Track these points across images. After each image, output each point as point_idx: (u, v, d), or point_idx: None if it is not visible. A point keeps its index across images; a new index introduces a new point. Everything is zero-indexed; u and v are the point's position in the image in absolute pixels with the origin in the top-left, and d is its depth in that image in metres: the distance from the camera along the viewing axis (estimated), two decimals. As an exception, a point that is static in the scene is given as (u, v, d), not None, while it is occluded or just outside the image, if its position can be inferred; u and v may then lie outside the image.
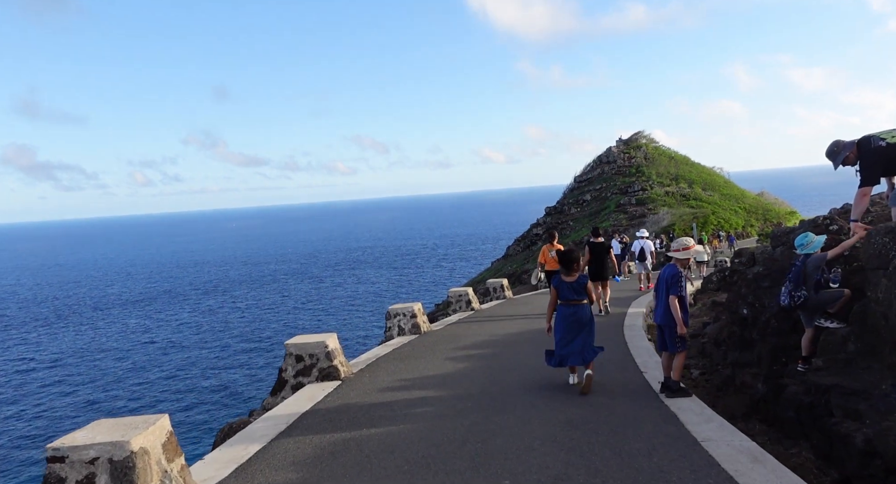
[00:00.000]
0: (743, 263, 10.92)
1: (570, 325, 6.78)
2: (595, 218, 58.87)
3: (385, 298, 64.82)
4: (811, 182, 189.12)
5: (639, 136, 72.95)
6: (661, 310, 6.40)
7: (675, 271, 6.26)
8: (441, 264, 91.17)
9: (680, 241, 6.51)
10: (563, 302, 6.90)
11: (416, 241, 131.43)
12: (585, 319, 6.85)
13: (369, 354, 9.58)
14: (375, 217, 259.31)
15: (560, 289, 6.88)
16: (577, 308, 6.83)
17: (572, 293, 6.83)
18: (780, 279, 7.76)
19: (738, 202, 59.32)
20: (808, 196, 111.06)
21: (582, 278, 6.94)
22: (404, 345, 10.32)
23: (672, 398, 6.17)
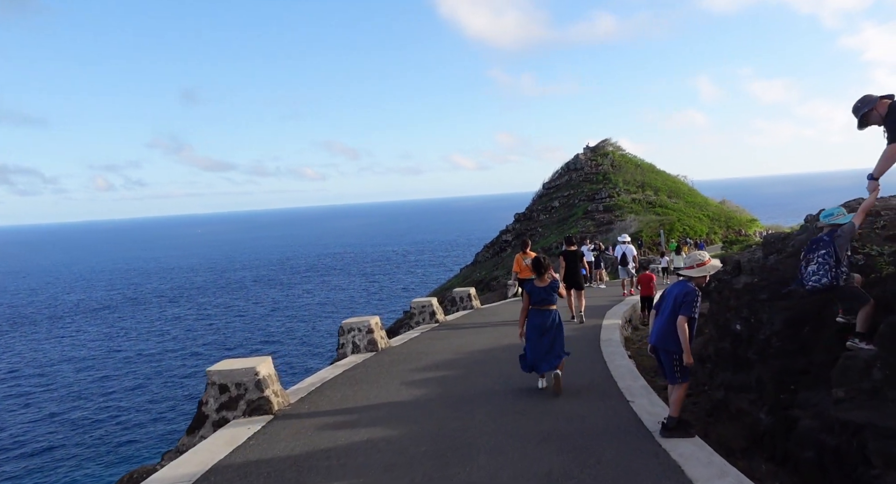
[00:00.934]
0: (727, 271, 9.94)
1: (542, 330, 6.89)
2: (563, 224, 58.38)
3: (356, 305, 63.19)
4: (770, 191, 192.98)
5: (606, 143, 72.92)
6: (660, 330, 5.31)
7: (690, 289, 5.25)
8: (411, 271, 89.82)
9: (694, 255, 5.47)
10: (535, 307, 7.00)
11: (385, 247, 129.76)
12: (555, 324, 6.97)
13: (315, 378, 8.29)
14: (345, 223, 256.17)
15: (532, 294, 7.01)
16: (548, 313, 6.97)
17: (544, 298, 6.97)
18: (777, 291, 6.75)
19: (701, 210, 59.54)
20: (767, 205, 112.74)
21: (554, 283, 7.07)
22: (357, 365, 9.05)
23: (671, 439, 5.06)
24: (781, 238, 8.14)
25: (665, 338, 5.25)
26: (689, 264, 5.37)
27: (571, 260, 13.60)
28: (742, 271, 9.87)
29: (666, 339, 5.24)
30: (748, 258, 9.58)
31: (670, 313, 5.23)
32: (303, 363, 39.05)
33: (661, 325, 5.35)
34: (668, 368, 5.27)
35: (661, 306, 5.46)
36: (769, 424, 5.95)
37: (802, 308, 6.17)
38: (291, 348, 44.44)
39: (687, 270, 5.33)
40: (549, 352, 6.84)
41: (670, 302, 5.28)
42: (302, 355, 41.98)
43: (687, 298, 5.15)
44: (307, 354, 41.88)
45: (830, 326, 5.97)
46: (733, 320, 7.62)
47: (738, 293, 8.33)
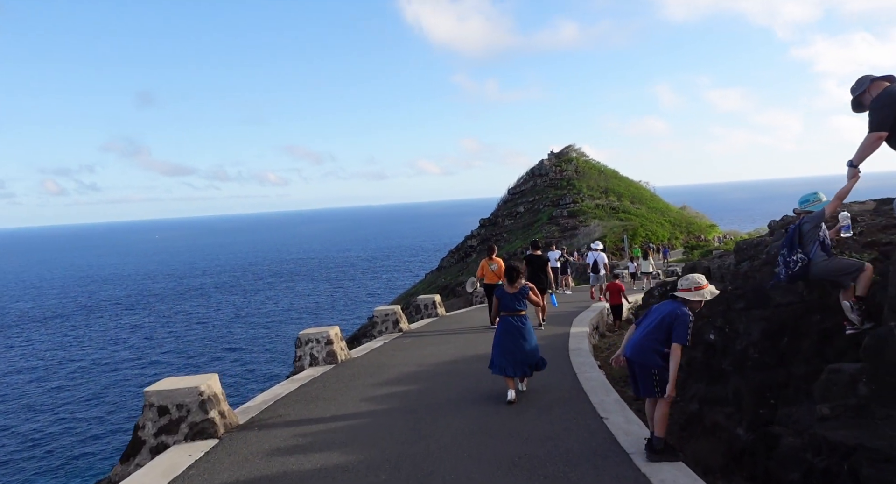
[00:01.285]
0: (697, 278, 9.74)
1: (512, 335, 6.92)
2: (528, 230, 58.45)
3: (321, 311, 62.12)
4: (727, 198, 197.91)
5: (570, 149, 73.47)
6: (638, 343, 4.94)
7: (685, 312, 4.88)
8: (376, 276, 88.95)
9: (692, 278, 5.08)
10: (505, 312, 7.05)
11: (350, 253, 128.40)
12: (525, 330, 6.99)
13: (268, 395, 7.71)
14: (309, 229, 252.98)
15: (503, 299, 7.06)
16: (518, 319, 7.00)
17: (514, 304, 7.00)
18: (757, 300, 6.48)
19: (663, 215, 60.35)
20: (724, 211, 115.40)
21: (524, 289, 7.11)
22: (315, 380, 8.49)
23: (653, 463, 4.69)
24: (753, 245, 7.92)
25: (643, 353, 4.88)
26: (685, 286, 5.01)
27: (536, 265, 13.56)
28: (712, 278, 9.64)
29: (644, 354, 4.87)
30: (718, 265, 9.38)
31: (654, 329, 4.87)
32: (267, 371, 38.05)
33: (639, 338, 4.99)
34: (644, 383, 4.91)
35: (644, 321, 5.10)
36: (749, 441, 5.65)
37: (781, 318, 5.90)
38: (256, 355, 43.29)
39: (683, 292, 4.99)
40: (520, 359, 6.87)
41: (655, 318, 4.93)
42: (266, 362, 40.89)
43: (681, 322, 4.79)
44: (272, 362, 40.83)
45: (810, 336, 5.71)
46: (706, 330, 7.34)
47: (710, 301, 8.08)
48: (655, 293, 16.55)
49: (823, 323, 5.61)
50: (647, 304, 16.68)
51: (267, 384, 24.97)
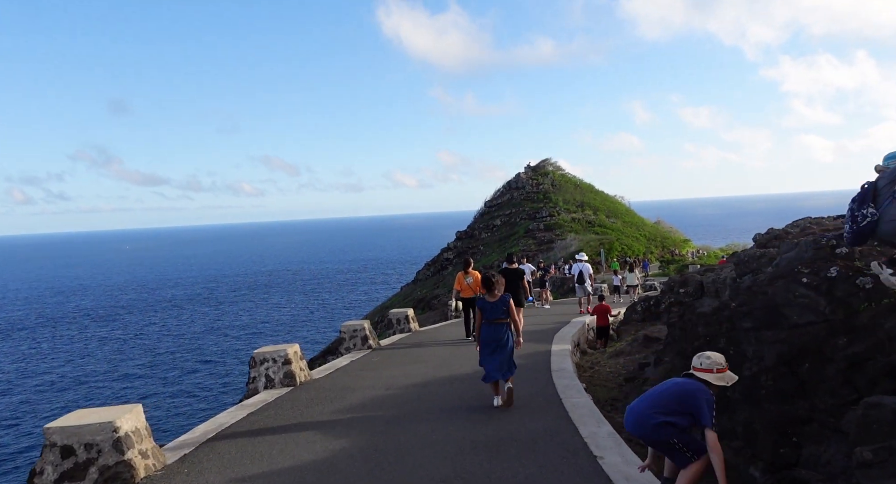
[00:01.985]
0: (689, 293, 8.94)
1: (494, 343, 6.99)
2: (505, 243, 57.84)
3: (296, 323, 60.55)
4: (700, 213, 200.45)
5: (546, 163, 73.31)
6: (642, 417, 4.14)
7: (706, 390, 4.14)
8: (352, 289, 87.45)
9: (713, 358, 4.32)
10: (486, 322, 7.07)
11: (326, 265, 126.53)
12: (506, 337, 7.07)
13: (211, 424, 6.67)
14: (284, 240, 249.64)
15: (484, 309, 7.08)
16: (499, 327, 7.06)
17: (496, 313, 7.04)
18: (768, 320, 5.67)
19: (638, 229, 60.22)
20: (696, 226, 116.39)
21: (504, 297, 7.11)
22: (267, 405, 7.47)
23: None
24: (756, 257, 7.15)
25: (649, 429, 4.07)
26: (706, 366, 4.26)
27: (511, 278, 12.91)
28: (706, 293, 8.87)
29: (650, 430, 4.06)
30: (713, 279, 8.60)
31: (657, 398, 4.15)
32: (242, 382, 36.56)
33: (642, 410, 4.16)
34: (674, 456, 4.06)
35: (649, 392, 4.31)
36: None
37: (800, 341, 5.09)
38: (231, 367, 41.63)
39: (704, 372, 4.24)
40: (502, 364, 6.98)
41: (663, 389, 4.24)
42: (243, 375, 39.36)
43: (704, 402, 4.04)
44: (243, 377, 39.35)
45: (836, 362, 4.89)
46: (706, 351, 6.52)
47: (707, 319, 7.27)
48: (638, 309, 15.85)
49: (851, 347, 4.81)
50: (629, 319, 15.93)
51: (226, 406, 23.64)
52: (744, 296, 6.46)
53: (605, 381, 10.58)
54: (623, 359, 11.73)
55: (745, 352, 5.72)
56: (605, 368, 11.46)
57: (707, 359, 4.29)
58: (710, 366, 4.22)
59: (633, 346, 12.06)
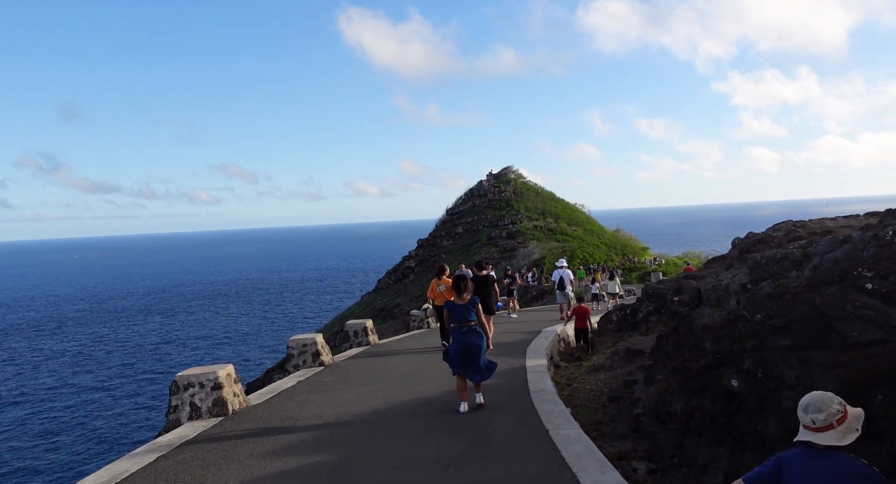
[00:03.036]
0: (685, 302, 7.81)
1: (465, 346, 6.86)
2: (467, 250, 56.79)
3: (255, 333, 58.08)
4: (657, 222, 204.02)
5: (508, 171, 72.76)
6: None
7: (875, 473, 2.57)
8: (311, 298, 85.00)
9: (826, 402, 2.65)
10: (456, 325, 6.97)
11: (285, 273, 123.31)
12: (477, 340, 6.94)
13: (106, 474, 5.15)
14: (242, 249, 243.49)
15: (453, 312, 7.00)
16: (469, 330, 6.94)
17: (465, 315, 6.92)
18: (816, 337, 4.49)
19: (599, 237, 60.10)
20: (655, 234, 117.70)
21: (473, 299, 7.02)
22: (185, 444, 5.96)
23: None
24: (777, 259, 6.00)
25: None
26: (820, 424, 2.61)
27: (481, 285, 12.47)
28: (705, 301, 7.75)
29: None
30: (712, 285, 7.48)
31: None
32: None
33: None
34: None
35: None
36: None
37: (867, 365, 3.93)
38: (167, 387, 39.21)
39: (824, 432, 2.61)
40: (475, 367, 6.88)
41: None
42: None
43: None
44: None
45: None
46: (726, 372, 5.34)
47: (716, 333, 6.11)
48: (613, 318, 14.78)
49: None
50: (604, 329, 14.84)
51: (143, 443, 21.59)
52: (770, 306, 5.31)
53: (586, 400, 9.37)
54: (604, 375, 10.55)
55: (782, 377, 4.54)
56: (584, 385, 10.26)
57: (818, 413, 2.65)
58: (824, 421, 2.62)
59: (613, 360, 10.89)
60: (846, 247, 4.90)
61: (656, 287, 13.46)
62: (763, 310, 5.26)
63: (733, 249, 14.39)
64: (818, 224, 12.46)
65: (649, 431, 7.32)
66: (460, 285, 7.08)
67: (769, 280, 5.70)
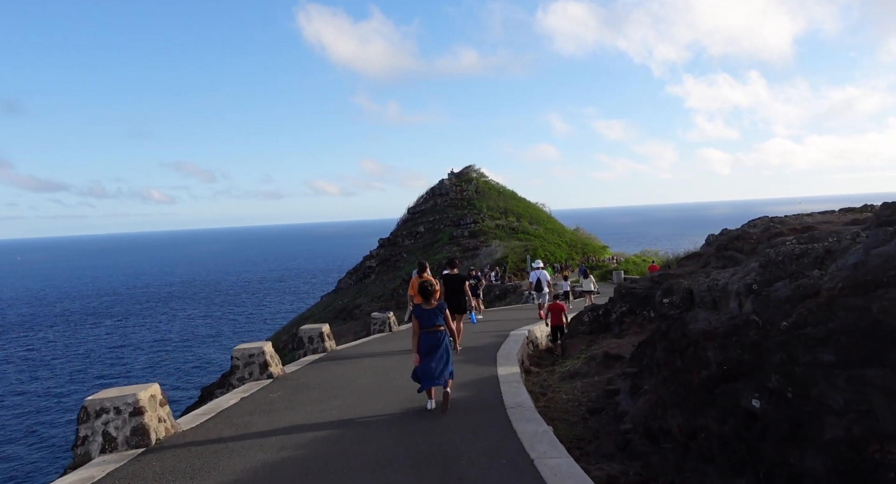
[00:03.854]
0: (675, 303, 6.98)
1: (433, 351, 6.88)
2: (429, 250, 55.88)
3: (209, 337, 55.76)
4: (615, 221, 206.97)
5: (470, 170, 72.12)
6: None
7: None
8: (269, 299, 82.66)
9: None
10: (424, 330, 6.96)
11: (243, 274, 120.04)
12: (444, 345, 6.97)
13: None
14: (198, 249, 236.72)
15: (421, 317, 6.99)
16: (437, 334, 6.96)
17: (433, 320, 6.95)
18: (872, 352, 3.65)
19: (560, 236, 60.05)
20: (613, 233, 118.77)
21: (441, 305, 7.09)
22: (88, 490, 4.80)
23: None
24: (795, 255, 5.16)
25: None
26: None
27: (451, 284, 11.98)
28: (699, 303, 6.93)
29: None
30: (707, 285, 6.66)
31: None
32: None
33: None
34: None
35: None
36: None
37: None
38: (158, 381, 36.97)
39: None
40: (440, 372, 6.88)
41: None
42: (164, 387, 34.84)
43: None
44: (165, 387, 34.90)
45: None
46: (743, 391, 4.48)
47: (722, 342, 5.27)
48: (585, 319, 14.00)
49: None
50: (575, 331, 14.04)
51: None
52: (795, 310, 4.47)
53: (563, 412, 8.47)
54: (580, 382, 9.69)
55: (824, 399, 3.70)
56: (560, 395, 9.38)
57: None
58: None
59: (590, 365, 10.05)
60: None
61: (630, 287, 12.72)
62: (781, 315, 4.42)
63: (708, 247, 13.79)
64: (797, 220, 11.93)
65: (639, 451, 6.45)
66: (428, 291, 7.09)
67: (786, 280, 4.87)
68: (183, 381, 37.96)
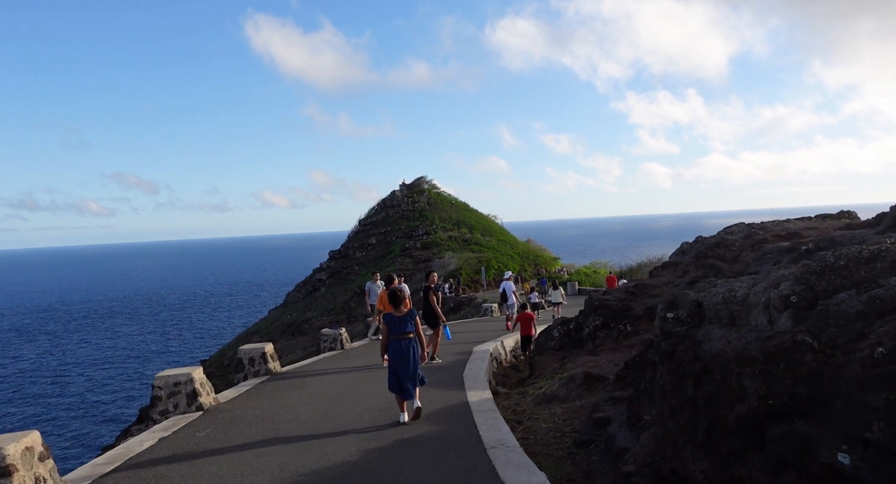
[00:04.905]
0: (681, 319, 5.92)
1: (402, 358, 6.88)
2: (381, 262, 54.37)
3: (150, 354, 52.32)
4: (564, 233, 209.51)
5: (422, 181, 71.06)
6: None
7: None
8: (215, 314, 78.98)
9: None
10: (394, 336, 6.97)
11: (187, 289, 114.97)
12: (414, 352, 6.98)
13: None
14: (139, 263, 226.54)
15: (391, 324, 7.00)
16: (407, 342, 6.96)
17: (403, 327, 6.97)
18: None
19: (512, 248, 59.70)
20: (563, 245, 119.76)
21: (411, 312, 7.12)
22: None
23: None
24: (864, 259, 4.05)
25: None
26: None
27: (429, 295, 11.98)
28: (713, 319, 5.87)
29: None
30: (724, 297, 5.62)
31: None
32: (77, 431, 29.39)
33: None
34: None
35: None
36: None
37: None
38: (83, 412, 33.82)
39: None
40: (409, 379, 6.86)
41: None
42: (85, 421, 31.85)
43: None
44: (87, 420, 31.94)
45: None
46: (821, 440, 3.37)
47: (763, 369, 4.19)
48: (555, 334, 12.92)
49: None
50: (544, 347, 12.93)
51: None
52: (873, 330, 3.40)
53: (545, 445, 7.27)
54: (560, 408, 8.52)
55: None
56: (538, 423, 8.18)
57: None
58: None
59: (569, 388, 8.90)
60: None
61: (603, 299, 11.73)
62: (850, 335, 3.36)
63: (683, 255, 12.96)
64: (779, 226, 11.22)
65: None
66: (398, 298, 7.11)
67: (851, 291, 3.83)
68: (120, 409, 35.00)
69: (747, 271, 8.96)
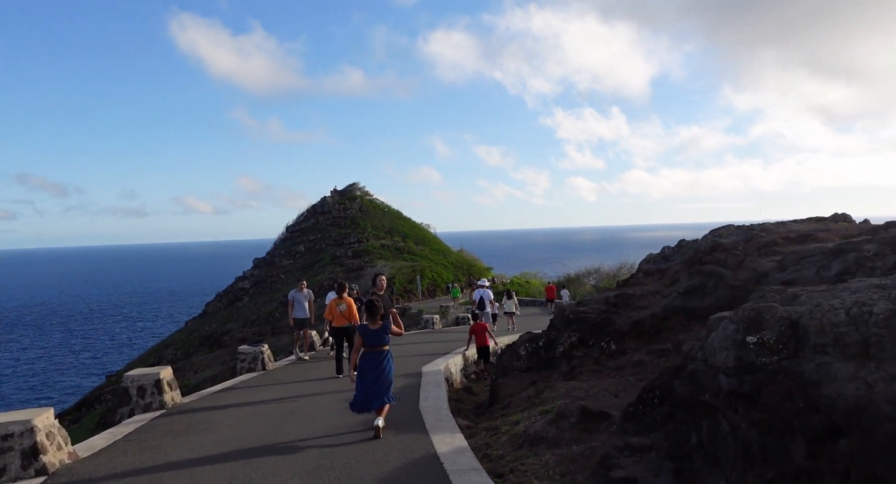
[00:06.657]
0: (768, 344, 4.01)
1: (375, 370, 6.72)
2: (310, 270, 51.30)
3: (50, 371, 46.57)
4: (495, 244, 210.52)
5: (354, 187, 68.40)
6: None
7: None
8: (127, 326, 72.60)
9: None
10: (367, 348, 6.84)
11: (95, 298, 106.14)
12: (388, 365, 6.87)
13: None
14: (43, 270, 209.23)
15: (365, 336, 6.86)
16: (381, 354, 6.84)
17: (378, 340, 6.82)
18: None
19: (445, 257, 58.34)
20: (494, 255, 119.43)
21: (386, 324, 6.96)
22: None
23: None
24: None
25: None
26: None
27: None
28: (820, 347, 3.97)
29: None
30: (847, 314, 3.75)
31: None
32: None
33: None
34: None
35: None
36: None
37: None
38: None
39: None
40: (382, 391, 6.70)
41: None
42: None
43: None
44: None
45: None
46: None
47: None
48: (521, 352, 10.91)
49: None
50: (508, 367, 10.88)
51: None
52: None
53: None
54: (552, 455, 6.39)
55: None
56: (528, 479, 6.06)
57: None
58: None
59: (560, 427, 6.81)
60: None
61: (579, 311, 9.86)
62: None
63: (667, 261, 11.30)
64: (784, 228, 9.75)
65: None
66: (375, 308, 6.86)
67: None
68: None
69: (774, 279, 7.24)
